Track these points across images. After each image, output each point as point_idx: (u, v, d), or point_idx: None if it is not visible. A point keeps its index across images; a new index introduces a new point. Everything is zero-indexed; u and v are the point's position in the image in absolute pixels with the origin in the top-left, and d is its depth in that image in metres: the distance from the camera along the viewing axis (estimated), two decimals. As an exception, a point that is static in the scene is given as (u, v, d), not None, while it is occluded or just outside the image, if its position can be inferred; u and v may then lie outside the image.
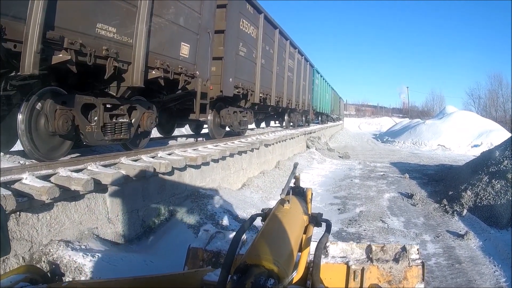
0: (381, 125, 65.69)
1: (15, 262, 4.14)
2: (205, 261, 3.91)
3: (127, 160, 5.83)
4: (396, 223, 8.93)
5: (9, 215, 4.04)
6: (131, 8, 5.27)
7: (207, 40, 7.67)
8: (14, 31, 3.69)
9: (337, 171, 16.40)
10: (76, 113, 4.89)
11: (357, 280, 3.61)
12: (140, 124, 6.34)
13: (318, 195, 11.33)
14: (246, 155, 10.67)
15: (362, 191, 12.24)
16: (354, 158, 21.34)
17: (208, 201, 7.39)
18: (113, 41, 5.01)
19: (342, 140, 33.93)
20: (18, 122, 4.52)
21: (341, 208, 10.08)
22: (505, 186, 10.26)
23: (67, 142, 5.19)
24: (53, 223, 4.59)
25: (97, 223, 5.20)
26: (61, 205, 4.68)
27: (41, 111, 4.67)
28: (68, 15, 4.30)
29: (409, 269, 3.64)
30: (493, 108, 58.43)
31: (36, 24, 3.75)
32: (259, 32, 11.99)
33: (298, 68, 19.82)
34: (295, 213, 2.36)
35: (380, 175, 15.53)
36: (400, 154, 25.50)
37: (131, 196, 5.80)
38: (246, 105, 11.85)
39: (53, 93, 4.77)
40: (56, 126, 4.66)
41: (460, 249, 7.49)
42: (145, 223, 6.14)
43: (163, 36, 6.24)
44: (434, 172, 16.39)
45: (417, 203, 10.71)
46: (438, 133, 33.03)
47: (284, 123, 20.60)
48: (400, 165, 18.82)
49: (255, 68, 11.98)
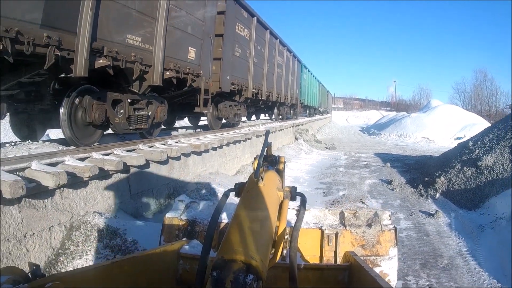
0: (369, 118, 66.15)
1: (59, 230, 5.01)
2: (181, 230, 4.02)
3: (144, 146, 6.86)
4: (374, 204, 9.98)
5: (55, 190, 4.92)
6: (151, 21, 6.35)
7: (209, 44, 8.78)
8: (68, 43, 4.73)
9: (323, 160, 17.27)
10: (107, 107, 5.96)
11: (331, 244, 3.77)
12: (155, 116, 7.40)
13: (305, 181, 12.38)
14: (239, 145, 11.70)
15: (346, 178, 13.24)
16: (340, 149, 22.17)
17: (209, 182, 8.36)
18: (139, 48, 6.10)
19: (330, 132, 34.60)
20: (61, 114, 5.49)
21: (326, 191, 11.10)
22: (475, 172, 11.40)
23: (98, 131, 6.24)
24: (88, 198, 5.53)
25: (121, 199, 6.19)
26: (94, 183, 5.62)
27: (78, 105, 5.69)
28: (106, 29, 5.35)
29: (382, 233, 3.81)
30: (478, 102, 58.99)
31: (85, 37, 4.80)
32: (252, 34, 13.08)
33: (287, 64, 20.81)
34: (270, 192, 2.19)
35: (363, 164, 16.50)
36: (385, 146, 26.39)
37: (147, 177, 6.81)
38: (240, 100, 12.89)
39: (89, 91, 5.79)
40: (93, 117, 5.70)
41: (429, 225, 8.55)
42: (158, 200, 7.16)
43: (175, 42, 7.28)
44: (414, 162, 17.33)
45: (395, 188, 11.80)
46: (422, 126, 33.96)
47: (274, 116, 21.51)
48: (384, 155, 19.75)
49: (248, 66, 13.07)
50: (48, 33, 4.34)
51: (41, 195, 4.73)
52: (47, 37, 4.32)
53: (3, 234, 4.22)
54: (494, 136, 13.34)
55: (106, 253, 5.02)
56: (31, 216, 4.59)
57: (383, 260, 3.77)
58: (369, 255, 3.77)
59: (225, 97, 11.74)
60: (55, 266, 4.81)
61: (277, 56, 18.06)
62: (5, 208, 4.24)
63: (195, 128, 12.79)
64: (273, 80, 17.49)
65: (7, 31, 3.83)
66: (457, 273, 6.30)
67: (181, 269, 2.63)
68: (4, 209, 4.22)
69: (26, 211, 4.52)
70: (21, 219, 4.44)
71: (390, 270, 3.78)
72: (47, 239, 4.85)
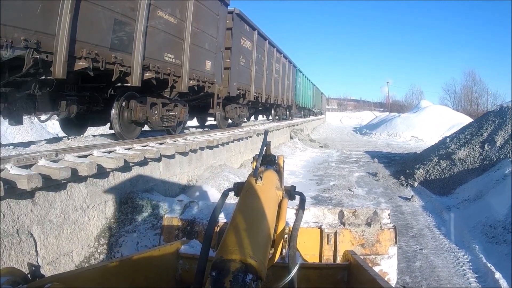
0: (362, 119, 67.05)
1: (112, 204, 6.27)
2: (180, 230, 4.08)
3: (170, 141, 8.36)
4: (360, 191, 11.54)
5: (110, 172, 6.24)
6: (180, 41, 7.99)
7: (220, 56, 10.49)
8: (127, 61, 6.37)
9: (317, 157, 18.67)
10: (147, 109, 7.55)
11: (331, 243, 3.74)
12: (179, 116, 8.98)
13: (300, 174, 13.91)
14: (242, 142, 13.20)
15: (337, 171, 14.79)
16: (333, 148, 23.55)
17: (220, 171, 9.83)
18: (172, 63, 7.76)
19: (324, 132, 35.84)
20: (112, 114, 7.03)
21: (318, 182, 12.64)
22: (449, 164, 12.93)
23: (138, 128, 7.83)
24: (132, 180, 6.85)
25: (155, 182, 7.56)
26: (135, 168, 6.97)
27: (124, 107, 7.25)
28: (151, 50, 6.98)
29: (381, 232, 3.83)
30: (467, 102, 59.63)
31: (138, 56, 6.44)
32: (253, 45, 14.81)
33: (283, 70, 22.36)
34: (269, 191, 2.21)
35: (353, 160, 17.98)
36: (375, 145, 27.73)
37: (173, 165, 8.27)
38: (243, 102, 14.59)
39: (132, 96, 7.35)
40: (138, 117, 7.30)
41: (405, 206, 10.08)
42: (181, 185, 8.64)
43: (196, 57, 8.91)
44: (400, 158, 18.74)
45: (379, 179, 13.37)
46: (411, 126, 35.11)
47: (271, 117, 22.86)
48: (373, 153, 21.11)
49: (250, 73, 14.80)
50: (115, 54, 5.96)
51: (101, 175, 6.00)
52: (114, 57, 5.95)
53: (73, 205, 5.41)
54: (468, 133, 14.79)
55: (151, 220, 6.33)
56: (93, 192, 5.82)
57: (382, 259, 3.80)
58: (369, 254, 3.80)
59: (231, 100, 13.36)
60: (109, 231, 6.05)
61: (275, 63, 19.67)
62: (75, 185, 5.45)
63: (203, 127, 14.39)
64: (271, 85, 19.06)
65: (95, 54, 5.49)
66: (423, 240, 7.64)
67: (180, 268, 2.63)
68: (74, 186, 5.43)
69: (90, 188, 5.77)
70: (87, 194, 5.67)
71: (390, 269, 3.82)
72: (103, 211, 6.10)
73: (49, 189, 5.01)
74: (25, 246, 4.63)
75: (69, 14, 4.85)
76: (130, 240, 6.02)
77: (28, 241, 4.68)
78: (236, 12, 12.09)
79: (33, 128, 18.36)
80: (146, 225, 6.28)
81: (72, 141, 7.30)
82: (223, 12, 10.58)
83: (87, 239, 5.71)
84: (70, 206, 5.37)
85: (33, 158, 4.96)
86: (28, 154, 5.14)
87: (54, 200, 5.10)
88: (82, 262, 5.49)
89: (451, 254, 7.00)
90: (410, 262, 6.55)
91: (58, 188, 5.15)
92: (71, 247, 5.37)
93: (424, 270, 6.28)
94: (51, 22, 4.76)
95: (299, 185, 10.99)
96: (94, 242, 5.83)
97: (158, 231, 5.94)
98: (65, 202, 5.28)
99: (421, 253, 6.97)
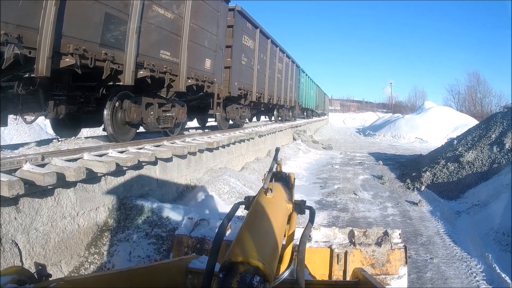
0: (365, 120, 66.76)
1: (103, 211, 5.99)
2: (190, 248, 4.07)
3: (167, 143, 8.01)
4: (366, 195, 11.21)
5: (101, 177, 5.92)
6: (177, 38, 7.60)
7: (221, 55, 10.08)
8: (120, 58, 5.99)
9: (320, 159, 18.41)
10: (142, 109, 7.18)
11: (341, 263, 3.73)
12: (177, 117, 8.60)
13: (304, 177, 13.58)
14: (244, 144, 12.87)
15: (341, 174, 14.47)
16: (336, 149, 23.26)
17: (221, 174, 9.48)
18: (168, 61, 7.37)
19: (327, 133, 35.44)
20: (105, 115, 6.67)
21: (322, 185, 12.32)
22: (457, 167, 12.60)
23: (132, 129, 7.45)
24: (126, 184, 6.55)
25: (151, 187, 7.27)
26: (130, 172, 6.66)
27: (118, 107, 6.88)
28: (146, 47, 6.61)
29: (392, 252, 3.80)
30: (471, 103, 59.36)
31: (131, 54, 6.07)
32: (255, 44, 14.40)
33: (286, 69, 21.97)
34: (278, 203, 2.26)
35: (358, 162, 17.68)
36: (379, 146, 27.44)
37: (171, 169, 7.94)
38: (245, 103, 14.21)
39: (126, 96, 6.98)
40: (132, 118, 6.92)
41: (413, 211, 9.76)
42: (178, 189, 8.31)
43: (195, 55, 8.54)
44: (405, 160, 18.41)
45: (385, 182, 13.03)
46: (415, 127, 34.89)
47: (273, 118, 22.54)
48: (377, 155, 20.79)
49: (252, 73, 14.35)
50: (106, 51, 5.59)
51: (92, 180, 5.70)
52: (104, 54, 5.58)
53: (61, 212, 5.13)
54: (476, 134, 14.49)
55: (144, 228, 5.99)
56: (83, 197, 5.54)
57: (392, 279, 3.78)
58: (379, 274, 3.78)
59: (232, 100, 12.98)
60: (100, 239, 5.75)
61: (277, 63, 19.28)
62: (63, 190, 5.16)
63: (203, 128, 14.02)
64: (273, 85, 18.67)
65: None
66: (433, 248, 7.35)
67: (189, 283, 2.60)
68: (62, 191, 5.14)
69: (79, 193, 5.47)
70: (76, 200, 5.38)
71: None
72: (94, 218, 5.80)
73: (35, 195, 4.77)
74: (9, 256, 4.40)
75: (54, 6, 4.50)
76: (123, 249, 5.72)
77: (12, 251, 4.46)
78: (238, 9, 11.69)
79: (31, 129, 18.03)
80: (140, 234, 5.96)
81: (63, 143, 6.96)
82: (223, 9, 10.19)
83: (77, 248, 5.45)
84: (58, 214, 5.12)
85: (18, 162, 4.69)
86: (12, 158, 4.84)
87: (40, 207, 4.86)
88: (71, 273, 5.25)
89: (463, 263, 6.74)
90: (421, 273, 6.27)
91: (44, 194, 4.91)
92: (59, 257, 5.13)
93: (436, 282, 6.02)
94: (35, 15, 4.43)
95: (302, 189, 10.72)
96: (84, 251, 5.57)
97: (153, 240, 5.75)
98: (52, 209, 5.03)
99: (432, 263, 6.70)
